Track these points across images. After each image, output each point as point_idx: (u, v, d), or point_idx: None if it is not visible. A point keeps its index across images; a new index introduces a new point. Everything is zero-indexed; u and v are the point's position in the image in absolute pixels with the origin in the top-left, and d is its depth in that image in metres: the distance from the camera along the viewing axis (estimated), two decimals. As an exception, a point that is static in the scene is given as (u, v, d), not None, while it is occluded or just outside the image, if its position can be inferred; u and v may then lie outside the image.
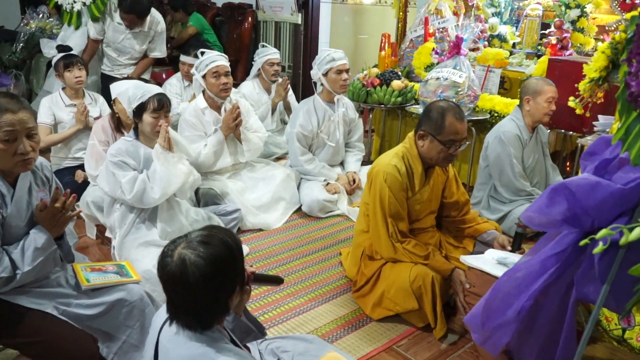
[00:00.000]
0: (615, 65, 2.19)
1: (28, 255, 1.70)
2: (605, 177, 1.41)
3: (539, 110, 3.14)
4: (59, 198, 1.75)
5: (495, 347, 1.70)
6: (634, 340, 1.93)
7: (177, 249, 1.28)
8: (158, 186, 2.51)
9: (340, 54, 3.53)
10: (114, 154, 2.56)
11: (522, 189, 3.21)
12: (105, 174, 2.59)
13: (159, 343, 1.37)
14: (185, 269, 1.25)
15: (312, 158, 3.64)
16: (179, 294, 1.28)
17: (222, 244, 1.30)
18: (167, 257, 1.28)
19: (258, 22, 5.79)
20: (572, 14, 3.91)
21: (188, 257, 1.25)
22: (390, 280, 2.34)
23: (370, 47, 5.92)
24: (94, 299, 1.90)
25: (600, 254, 1.36)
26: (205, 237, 1.30)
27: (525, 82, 3.30)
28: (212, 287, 1.27)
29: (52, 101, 3.47)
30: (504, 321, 1.61)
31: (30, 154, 1.72)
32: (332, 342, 2.23)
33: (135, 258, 2.44)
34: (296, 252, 3.05)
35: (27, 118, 1.69)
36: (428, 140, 2.31)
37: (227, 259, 1.30)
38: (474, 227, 2.58)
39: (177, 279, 1.26)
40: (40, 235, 1.73)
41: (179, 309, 1.31)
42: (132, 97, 2.58)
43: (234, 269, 1.33)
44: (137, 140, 2.63)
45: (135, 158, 2.59)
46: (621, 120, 1.33)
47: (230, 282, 1.33)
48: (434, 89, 3.70)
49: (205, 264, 1.25)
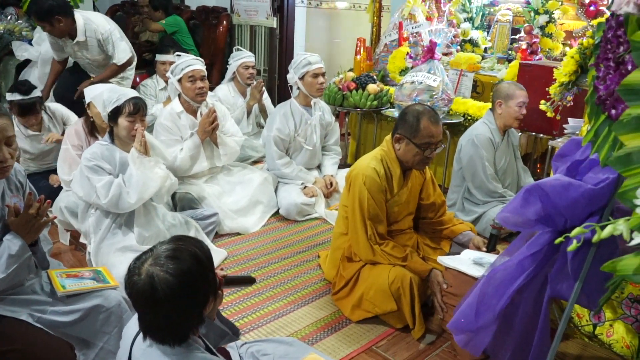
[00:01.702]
0: (584, 69, 2.27)
1: (2, 263, 1.66)
2: (577, 177, 1.46)
3: (510, 114, 3.21)
4: (32, 204, 1.71)
5: (478, 348, 1.74)
6: (604, 335, 1.99)
7: (144, 265, 1.23)
8: (134, 191, 2.48)
9: (316, 57, 3.55)
10: (88, 158, 2.51)
11: (495, 191, 3.28)
12: (79, 178, 2.54)
13: (131, 356, 1.33)
14: (155, 286, 1.19)
15: (289, 162, 3.65)
16: (150, 312, 1.24)
17: (190, 257, 1.25)
18: (135, 275, 1.23)
19: (233, 26, 5.78)
20: (540, 20, 4.01)
21: (157, 274, 1.20)
22: (369, 282, 2.36)
23: (346, 51, 5.96)
24: (70, 306, 1.87)
25: (573, 252, 1.41)
26: (173, 252, 1.25)
27: (497, 86, 3.37)
28: (184, 302, 1.23)
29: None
30: (485, 323, 1.65)
31: (9, 162, 1.69)
32: (312, 344, 2.23)
33: (112, 263, 2.40)
34: (274, 255, 3.05)
35: (6, 125, 1.66)
36: (404, 144, 2.35)
37: (197, 272, 1.25)
38: (450, 228, 2.63)
39: (147, 296, 1.21)
40: (14, 242, 1.69)
41: (152, 325, 1.27)
42: (107, 100, 2.54)
43: (206, 281, 1.29)
44: (113, 144, 2.59)
45: (111, 162, 2.55)
46: (590, 123, 1.38)
47: (203, 294, 1.29)
48: (409, 92, 3.75)
49: (175, 281, 1.20)
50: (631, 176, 1.00)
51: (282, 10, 5.34)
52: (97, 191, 2.46)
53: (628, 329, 1.93)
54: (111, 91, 2.58)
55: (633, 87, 1.03)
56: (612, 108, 1.25)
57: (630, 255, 0.96)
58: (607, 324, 1.99)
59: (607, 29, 1.31)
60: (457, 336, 1.84)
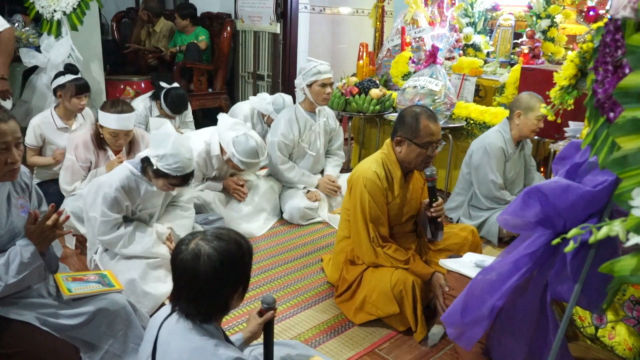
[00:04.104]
0: (583, 73, 2.28)
1: (13, 269, 1.69)
2: (576, 180, 1.47)
3: (527, 126, 3.19)
4: (51, 216, 1.74)
5: (469, 342, 1.76)
6: (606, 338, 2.00)
7: (194, 239, 1.38)
8: (128, 252, 2.49)
9: (326, 67, 3.53)
10: (113, 187, 2.40)
11: (502, 198, 3.29)
12: (93, 193, 2.45)
13: (157, 339, 1.41)
14: (198, 257, 1.34)
15: (292, 166, 3.67)
16: (187, 282, 1.36)
17: (235, 242, 1.40)
18: (183, 245, 1.38)
19: (237, 32, 5.82)
20: (542, 24, 4.03)
21: (203, 248, 1.35)
22: (371, 285, 2.38)
23: (348, 56, 5.99)
24: (75, 309, 1.89)
25: (572, 254, 1.42)
26: (221, 234, 1.40)
27: (518, 96, 3.34)
28: (218, 280, 1.35)
29: (43, 123, 3.36)
30: (478, 317, 1.66)
31: (18, 163, 1.72)
32: (315, 347, 2.25)
33: (120, 270, 2.41)
34: (278, 259, 3.07)
35: (16, 127, 1.70)
36: (405, 145, 2.36)
37: (237, 256, 1.39)
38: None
39: (188, 266, 1.34)
40: (27, 249, 1.71)
41: (182, 295, 1.38)
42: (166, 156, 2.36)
43: (242, 268, 1.42)
44: (143, 177, 2.47)
45: (133, 195, 2.48)
46: (590, 126, 1.39)
47: (235, 280, 1.40)
48: (412, 97, 3.77)
49: (218, 257, 1.34)
50: (627, 178, 1.01)
51: (285, 16, 5.38)
52: (99, 223, 2.43)
53: (630, 331, 1.94)
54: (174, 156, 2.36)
55: (628, 90, 1.04)
56: (610, 111, 1.27)
57: (627, 256, 0.97)
58: (610, 326, 2.00)
59: (606, 33, 1.33)
60: (449, 329, 1.87)
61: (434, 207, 2.40)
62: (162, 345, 1.39)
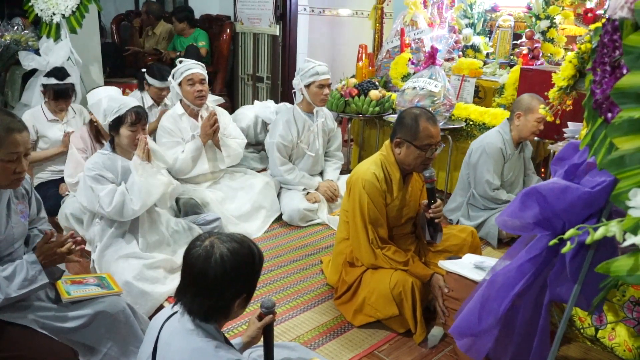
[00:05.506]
0: (582, 74, 2.28)
1: (16, 283, 1.69)
2: (575, 180, 1.47)
3: (527, 128, 3.19)
4: (66, 243, 1.76)
5: (480, 353, 1.74)
6: (606, 339, 1.99)
7: (211, 237, 1.42)
8: (137, 197, 2.50)
9: (324, 68, 3.54)
10: (90, 168, 2.52)
11: (497, 198, 3.28)
12: (83, 188, 2.56)
13: (158, 340, 1.42)
14: (210, 254, 1.37)
15: (292, 168, 3.67)
16: (194, 276, 1.38)
17: (249, 248, 1.44)
18: (198, 241, 1.41)
19: (236, 34, 5.82)
20: (542, 25, 4.03)
21: (217, 246, 1.38)
22: (371, 287, 2.37)
23: (348, 58, 5.99)
24: (74, 312, 1.89)
25: (571, 255, 1.41)
26: (237, 238, 1.44)
27: (519, 97, 3.34)
28: (226, 280, 1.37)
29: (34, 116, 3.43)
30: (487, 327, 1.65)
31: (24, 173, 1.75)
32: (314, 349, 2.24)
33: (116, 271, 2.42)
34: (277, 261, 3.07)
35: (28, 138, 1.73)
36: (405, 147, 2.36)
37: (248, 261, 1.42)
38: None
39: (201, 261, 1.37)
40: (33, 266, 1.72)
41: (188, 290, 1.40)
42: (107, 110, 2.55)
43: (250, 274, 1.44)
44: (114, 153, 2.60)
45: (113, 171, 2.56)
46: (588, 127, 1.39)
47: (242, 284, 1.42)
48: (411, 98, 3.77)
49: (230, 257, 1.37)
50: (624, 178, 1.01)
51: (284, 18, 5.38)
52: (101, 200, 2.47)
53: (630, 332, 1.93)
54: (111, 100, 2.58)
55: (625, 90, 1.04)
56: (608, 111, 1.27)
57: (624, 256, 0.96)
58: (609, 327, 1.99)
59: (604, 34, 1.33)
60: (460, 341, 1.84)
61: (432, 209, 2.39)
62: (163, 346, 1.40)
